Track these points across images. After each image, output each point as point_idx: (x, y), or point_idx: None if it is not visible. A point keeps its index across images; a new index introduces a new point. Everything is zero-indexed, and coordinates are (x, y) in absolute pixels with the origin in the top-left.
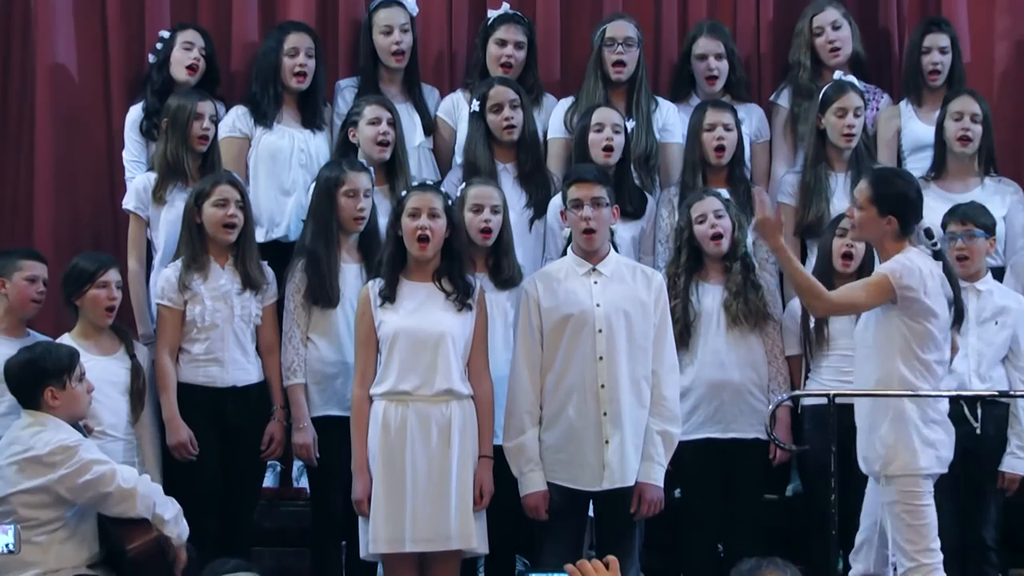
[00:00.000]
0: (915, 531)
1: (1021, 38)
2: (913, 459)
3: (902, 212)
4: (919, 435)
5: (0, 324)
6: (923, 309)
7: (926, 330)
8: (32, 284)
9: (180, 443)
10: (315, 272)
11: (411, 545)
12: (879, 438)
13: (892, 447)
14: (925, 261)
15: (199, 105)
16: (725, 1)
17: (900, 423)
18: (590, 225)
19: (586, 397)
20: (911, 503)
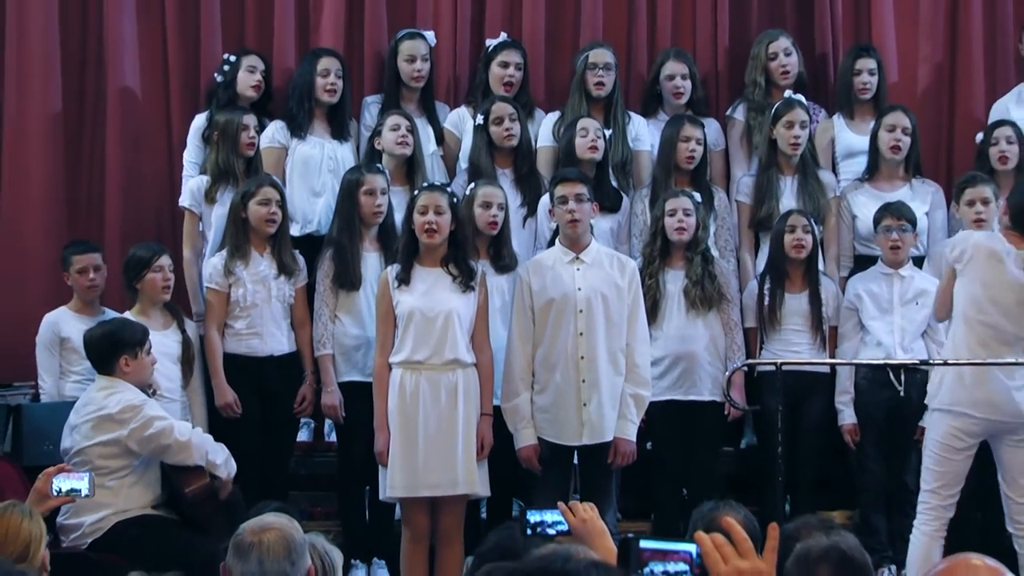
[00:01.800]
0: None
1: (940, 61)
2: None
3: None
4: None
5: (75, 306)
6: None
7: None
8: (83, 275)
9: (226, 404)
10: (341, 260)
11: (424, 490)
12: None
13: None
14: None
15: (245, 119)
16: (687, 30)
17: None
18: (574, 217)
19: (569, 366)
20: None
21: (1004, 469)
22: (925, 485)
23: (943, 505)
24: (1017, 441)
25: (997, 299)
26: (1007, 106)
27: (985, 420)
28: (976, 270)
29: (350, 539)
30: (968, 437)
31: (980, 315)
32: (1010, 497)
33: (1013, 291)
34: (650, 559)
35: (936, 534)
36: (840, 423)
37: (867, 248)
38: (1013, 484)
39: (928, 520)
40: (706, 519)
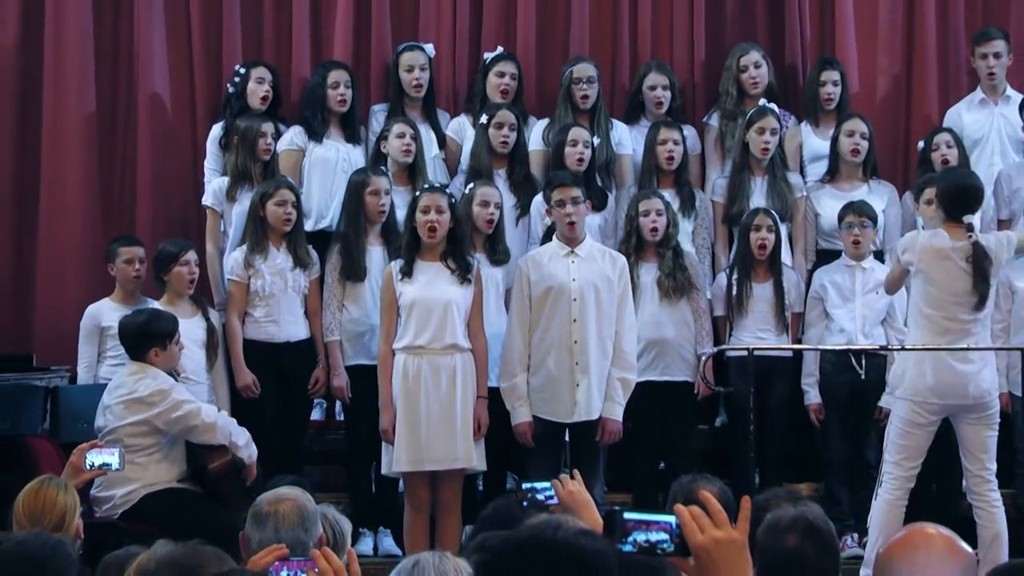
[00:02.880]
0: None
1: (897, 72)
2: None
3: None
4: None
5: (117, 296)
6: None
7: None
8: (129, 265)
9: (245, 385)
10: (347, 254)
11: (428, 465)
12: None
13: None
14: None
15: (263, 127)
16: (665, 43)
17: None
18: (572, 219)
19: (562, 351)
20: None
21: (964, 444)
22: (889, 457)
23: (905, 476)
24: (975, 419)
25: (950, 292)
26: (959, 113)
27: (944, 405)
28: (927, 271)
29: (358, 510)
30: (930, 415)
31: (937, 311)
32: (969, 470)
33: (964, 282)
34: (633, 529)
35: (897, 502)
36: (806, 403)
37: (829, 243)
38: (972, 458)
39: (891, 488)
40: (684, 490)
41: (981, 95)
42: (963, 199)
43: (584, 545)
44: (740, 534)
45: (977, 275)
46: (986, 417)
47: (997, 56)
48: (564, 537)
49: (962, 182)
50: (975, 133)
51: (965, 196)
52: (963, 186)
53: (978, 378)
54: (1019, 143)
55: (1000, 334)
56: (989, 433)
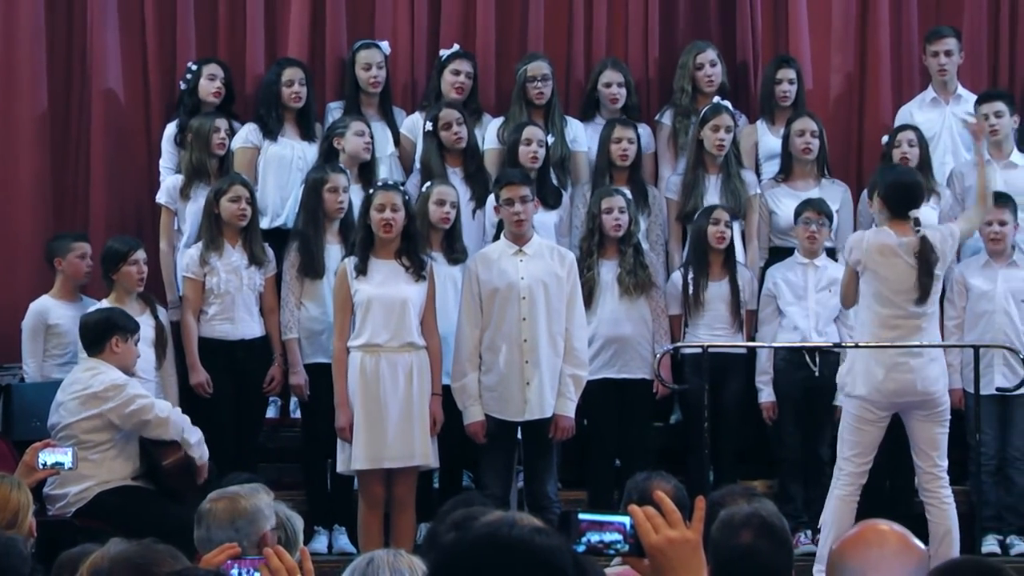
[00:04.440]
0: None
1: (850, 71)
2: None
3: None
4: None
5: (59, 292)
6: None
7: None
8: (82, 260)
9: (198, 383)
10: (306, 251)
11: (386, 462)
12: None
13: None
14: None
15: (216, 122)
16: (620, 41)
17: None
18: (520, 217)
19: (512, 349)
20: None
21: (914, 441)
22: (841, 453)
23: (857, 472)
24: (925, 416)
25: (899, 289)
26: (911, 111)
27: (892, 401)
28: (875, 268)
29: (313, 507)
30: (880, 411)
31: (886, 308)
32: (920, 467)
33: (912, 278)
34: (587, 529)
35: (849, 498)
36: (760, 401)
37: (783, 241)
38: (922, 455)
39: (843, 485)
40: (639, 488)
41: (933, 94)
42: (906, 196)
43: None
44: (694, 534)
45: (922, 269)
46: (936, 414)
47: (948, 54)
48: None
49: (903, 179)
50: (927, 132)
51: (908, 193)
52: (904, 183)
53: (926, 374)
54: (971, 142)
55: (954, 331)
56: (939, 430)
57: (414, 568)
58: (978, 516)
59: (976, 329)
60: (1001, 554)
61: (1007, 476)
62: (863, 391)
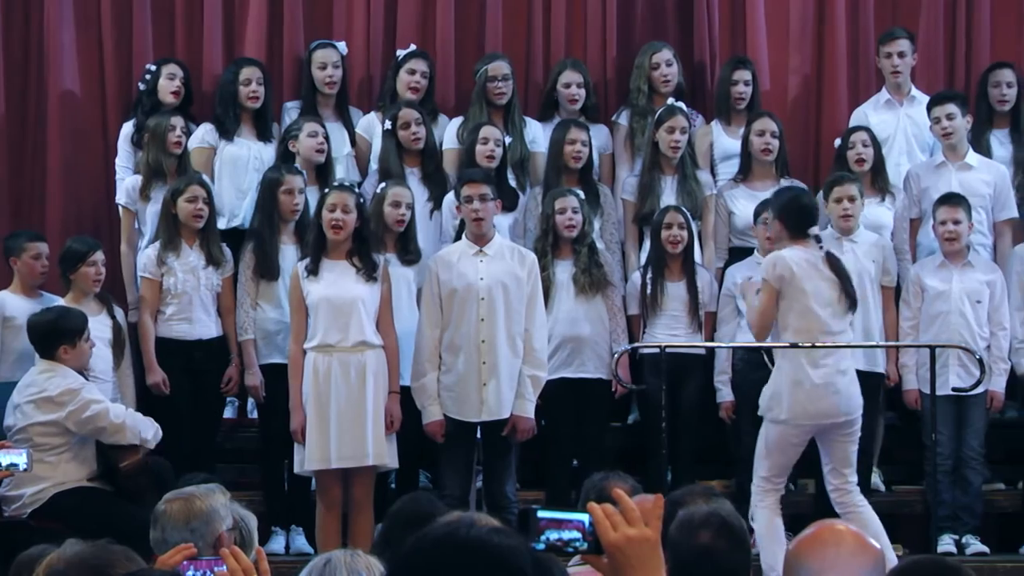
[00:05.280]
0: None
1: (807, 72)
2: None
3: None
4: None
5: (18, 288)
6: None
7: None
8: (36, 260)
9: (156, 384)
10: (261, 252)
11: (337, 463)
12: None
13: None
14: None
15: (172, 121)
16: (578, 41)
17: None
18: (479, 215)
19: (470, 350)
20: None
21: (830, 461)
22: (759, 472)
23: (776, 489)
24: (845, 435)
25: (821, 302)
26: (866, 112)
27: (818, 425)
28: (797, 282)
29: (270, 508)
30: (803, 435)
31: (806, 322)
32: (833, 484)
33: (833, 289)
34: (546, 528)
35: (774, 507)
36: (718, 400)
37: (742, 241)
38: (836, 473)
39: (764, 499)
40: (596, 488)
41: (887, 95)
42: (802, 215)
43: (498, 543)
44: (653, 532)
45: (842, 280)
46: (851, 433)
47: (901, 55)
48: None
49: (799, 200)
50: (881, 133)
51: (804, 212)
52: (801, 204)
53: (848, 395)
54: (926, 143)
55: (910, 331)
56: (853, 448)
57: (371, 568)
58: (934, 516)
59: (932, 329)
60: (957, 553)
61: (963, 476)
62: (788, 416)
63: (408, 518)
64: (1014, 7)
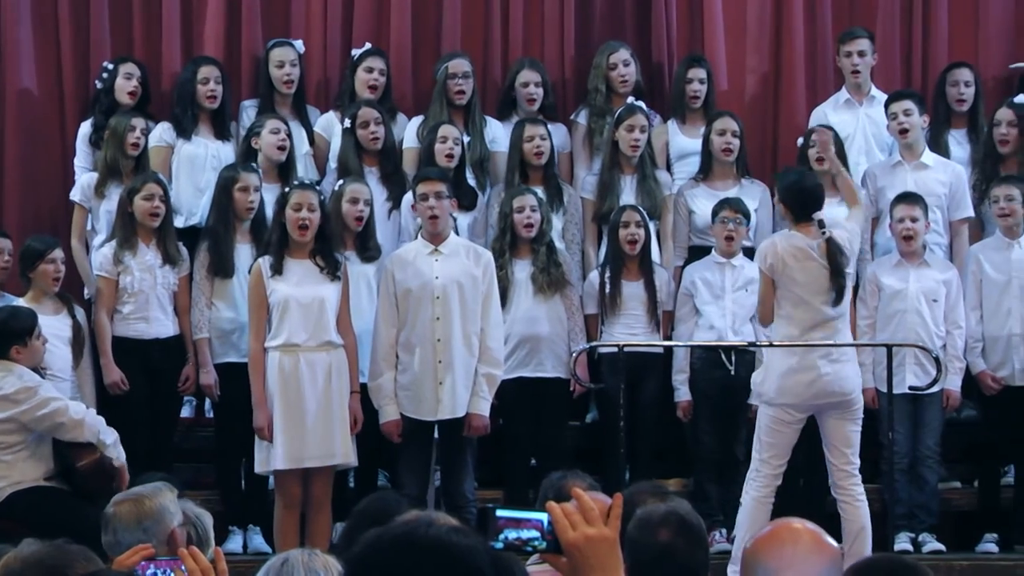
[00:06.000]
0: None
1: (766, 72)
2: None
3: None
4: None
5: None
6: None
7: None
8: None
9: (113, 382)
10: (216, 250)
11: (307, 462)
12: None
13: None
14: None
15: (132, 121)
16: (536, 40)
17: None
18: (435, 212)
19: (426, 349)
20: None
21: (829, 440)
22: (757, 455)
23: (773, 474)
24: (840, 415)
25: (814, 290)
26: (825, 112)
27: (810, 404)
28: (789, 272)
29: (228, 507)
30: (796, 413)
31: (802, 310)
32: (833, 464)
33: (825, 279)
34: (505, 527)
35: (764, 500)
36: (676, 400)
37: (701, 240)
38: (836, 452)
39: (758, 487)
40: (555, 487)
41: (846, 95)
42: (807, 198)
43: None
44: (612, 531)
45: (833, 270)
46: (850, 412)
47: (862, 55)
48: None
49: (803, 183)
50: (840, 132)
51: (808, 195)
52: (804, 186)
53: (842, 376)
54: (884, 143)
55: (867, 330)
56: (853, 428)
57: (329, 568)
58: (890, 514)
59: (888, 328)
60: (914, 551)
61: (919, 474)
62: (780, 397)
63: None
64: (971, 7)
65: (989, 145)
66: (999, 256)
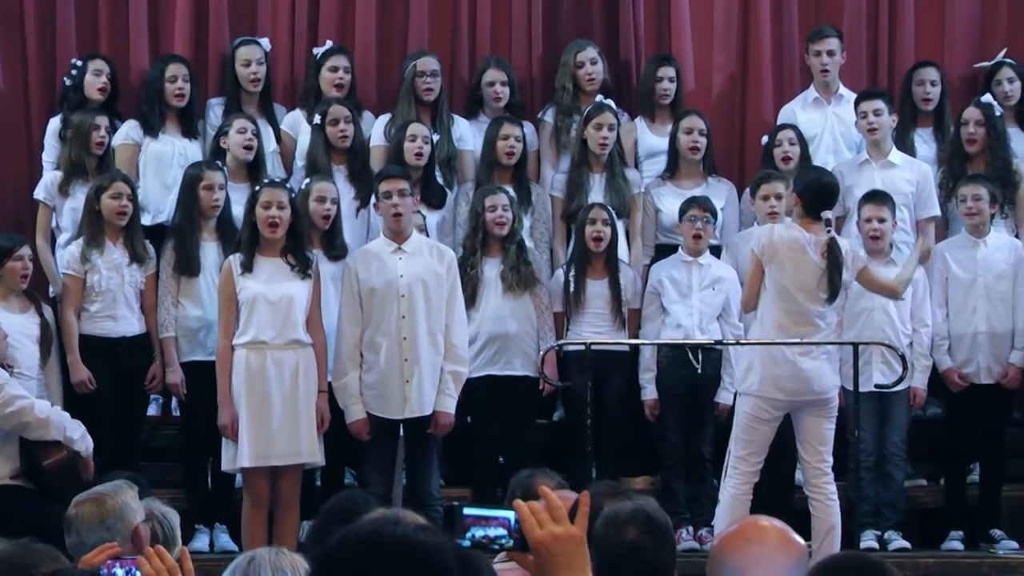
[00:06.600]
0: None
1: (733, 70)
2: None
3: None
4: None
5: None
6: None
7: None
8: None
9: (80, 381)
10: (181, 248)
11: (273, 460)
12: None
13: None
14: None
15: (97, 120)
16: (504, 39)
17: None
18: (399, 211)
19: (392, 347)
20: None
21: (804, 437)
22: (735, 452)
23: (751, 471)
24: (817, 412)
25: (802, 286)
26: (793, 110)
27: (790, 401)
28: (781, 261)
29: (194, 506)
30: (775, 410)
31: (786, 302)
32: (807, 461)
33: (815, 276)
34: (472, 525)
35: (743, 496)
36: (643, 398)
37: (668, 238)
38: (810, 449)
39: (737, 484)
40: (523, 485)
41: (815, 94)
42: (823, 196)
43: (423, 540)
44: (579, 529)
45: (832, 267)
46: (827, 410)
47: (831, 54)
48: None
49: (822, 179)
50: (809, 131)
51: (825, 193)
52: (823, 183)
53: (821, 373)
54: (853, 141)
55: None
56: (828, 426)
57: (296, 567)
58: (856, 512)
59: (855, 326)
60: (879, 549)
61: (885, 472)
62: (762, 390)
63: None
64: (937, 6)
65: (956, 144)
66: (965, 255)
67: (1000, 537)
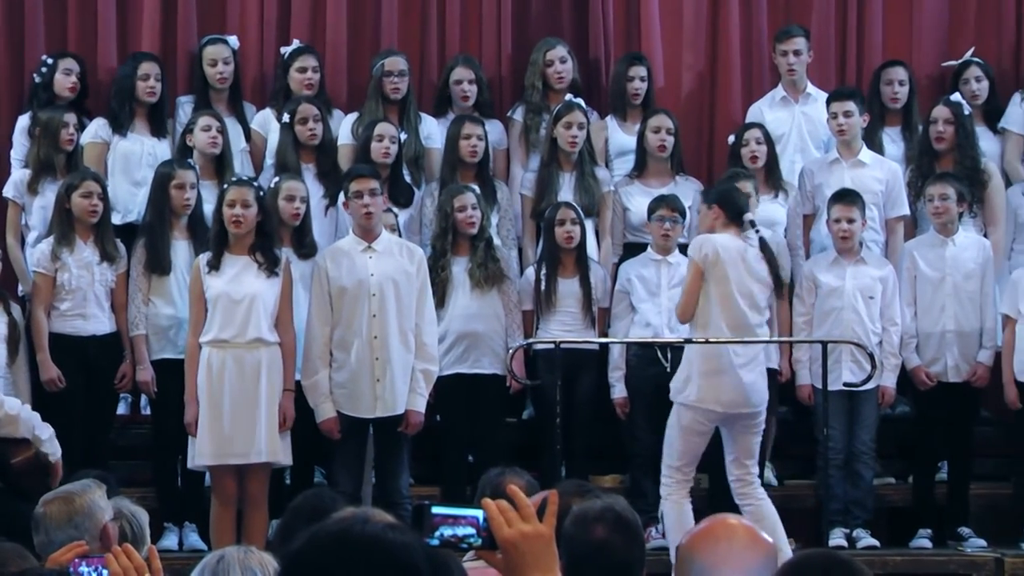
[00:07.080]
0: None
1: (702, 69)
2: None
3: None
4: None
5: None
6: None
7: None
8: None
9: (50, 379)
10: (152, 247)
11: (230, 459)
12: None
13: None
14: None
15: (65, 117)
16: (473, 37)
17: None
18: (369, 210)
19: (363, 345)
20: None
21: (734, 452)
22: (669, 461)
23: (686, 479)
24: (749, 426)
25: (743, 292)
26: (761, 109)
27: (725, 414)
28: (723, 268)
29: (163, 504)
30: (710, 423)
31: (728, 311)
32: (735, 475)
33: (756, 283)
34: (440, 524)
35: (683, 500)
36: (612, 396)
37: (636, 237)
38: (738, 464)
39: (674, 491)
40: (492, 484)
41: (783, 93)
42: (740, 200)
43: (392, 539)
44: (547, 528)
45: (771, 265)
46: (756, 425)
47: (797, 53)
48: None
49: (730, 186)
50: (776, 130)
51: (740, 196)
52: (734, 188)
53: (759, 387)
54: (820, 140)
55: (804, 327)
56: (756, 439)
57: (265, 565)
58: (825, 510)
59: (825, 325)
60: (848, 547)
61: (854, 470)
62: (699, 401)
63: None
64: (905, 6)
65: (925, 143)
66: (933, 253)
67: (968, 535)
